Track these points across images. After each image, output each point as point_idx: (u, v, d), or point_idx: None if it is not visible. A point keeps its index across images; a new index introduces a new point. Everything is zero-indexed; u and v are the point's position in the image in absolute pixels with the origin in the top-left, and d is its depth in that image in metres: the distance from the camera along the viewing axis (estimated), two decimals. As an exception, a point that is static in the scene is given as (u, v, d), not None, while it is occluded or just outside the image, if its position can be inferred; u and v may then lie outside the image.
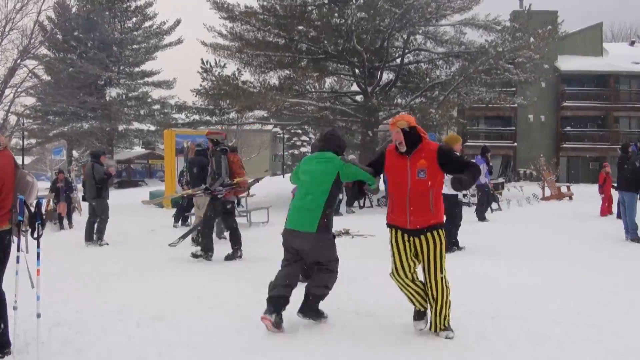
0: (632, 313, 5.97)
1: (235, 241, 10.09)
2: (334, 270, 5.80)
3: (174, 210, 16.34)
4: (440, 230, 5.29)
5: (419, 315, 5.51)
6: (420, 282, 5.41)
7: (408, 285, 5.38)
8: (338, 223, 14.31)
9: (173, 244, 10.48)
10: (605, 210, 16.52)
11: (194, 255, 9.82)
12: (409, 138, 5.24)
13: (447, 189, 10.11)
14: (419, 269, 5.41)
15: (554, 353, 4.84)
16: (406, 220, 5.27)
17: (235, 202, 11.13)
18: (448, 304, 5.30)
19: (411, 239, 5.31)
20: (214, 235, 10.92)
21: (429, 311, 5.43)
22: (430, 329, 5.40)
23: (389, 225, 5.48)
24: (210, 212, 10.02)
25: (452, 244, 10.18)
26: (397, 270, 5.37)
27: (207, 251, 9.83)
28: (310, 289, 5.76)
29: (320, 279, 5.76)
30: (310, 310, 5.76)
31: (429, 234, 5.24)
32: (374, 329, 5.56)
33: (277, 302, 5.50)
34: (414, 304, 5.50)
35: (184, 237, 10.71)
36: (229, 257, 9.85)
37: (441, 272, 5.25)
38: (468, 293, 6.88)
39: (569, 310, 6.09)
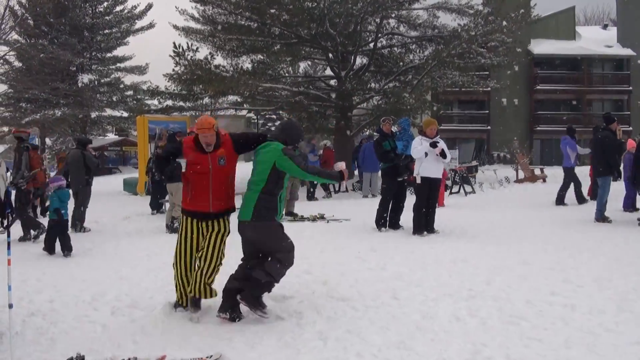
0: (605, 292, 6.05)
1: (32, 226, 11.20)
2: (281, 261, 5.52)
3: (149, 198, 16.27)
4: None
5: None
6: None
7: None
8: (314, 208, 14.37)
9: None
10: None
11: None
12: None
13: (425, 171, 10.28)
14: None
15: (528, 333, 4.89)
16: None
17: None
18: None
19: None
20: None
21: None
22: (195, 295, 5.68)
23: None
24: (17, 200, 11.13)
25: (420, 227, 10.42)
26: None
27: None
28: (251, 271, 5.54)
29: (264, 264, 5.52)
30: (247, 296, 5.48)
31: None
32: (347, 313, 5.58)
33: (227, 295, 5.58)
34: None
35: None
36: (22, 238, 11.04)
37: None
38: (442, 275, 6.96)
39: (542, 290, 6.17)
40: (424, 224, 10.33)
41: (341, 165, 5.84)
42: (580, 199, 14.72)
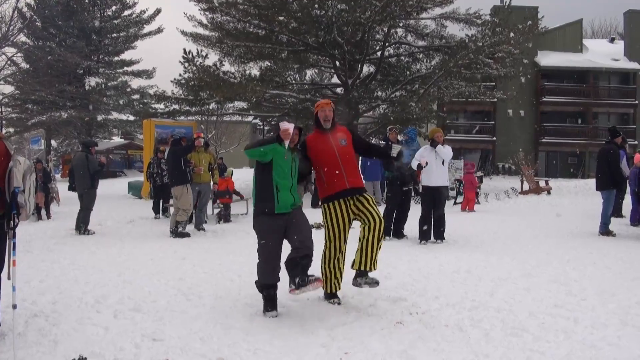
0: (608, 306, 6.03)
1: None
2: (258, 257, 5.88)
3: (152, 202, 16.32)
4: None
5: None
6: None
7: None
8: (317, 216, 14.36)
9: None
10: None
11: None
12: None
13: (426, 180, 10.37)
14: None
15: (530, 344, 4.87)
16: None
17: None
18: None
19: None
20: (190, 226, 11.29)
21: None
22: (361, 267, 6.17)
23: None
24: None
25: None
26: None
27: None
28: None
29: None
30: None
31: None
32: (350, 321, 5.57)
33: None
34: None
35: None
36: None
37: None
38: (445, 285, 6.95)
39: (545, 302, 6.15)
40: (428, 232, 10.38)
41: (283, 125, 5.51)
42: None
